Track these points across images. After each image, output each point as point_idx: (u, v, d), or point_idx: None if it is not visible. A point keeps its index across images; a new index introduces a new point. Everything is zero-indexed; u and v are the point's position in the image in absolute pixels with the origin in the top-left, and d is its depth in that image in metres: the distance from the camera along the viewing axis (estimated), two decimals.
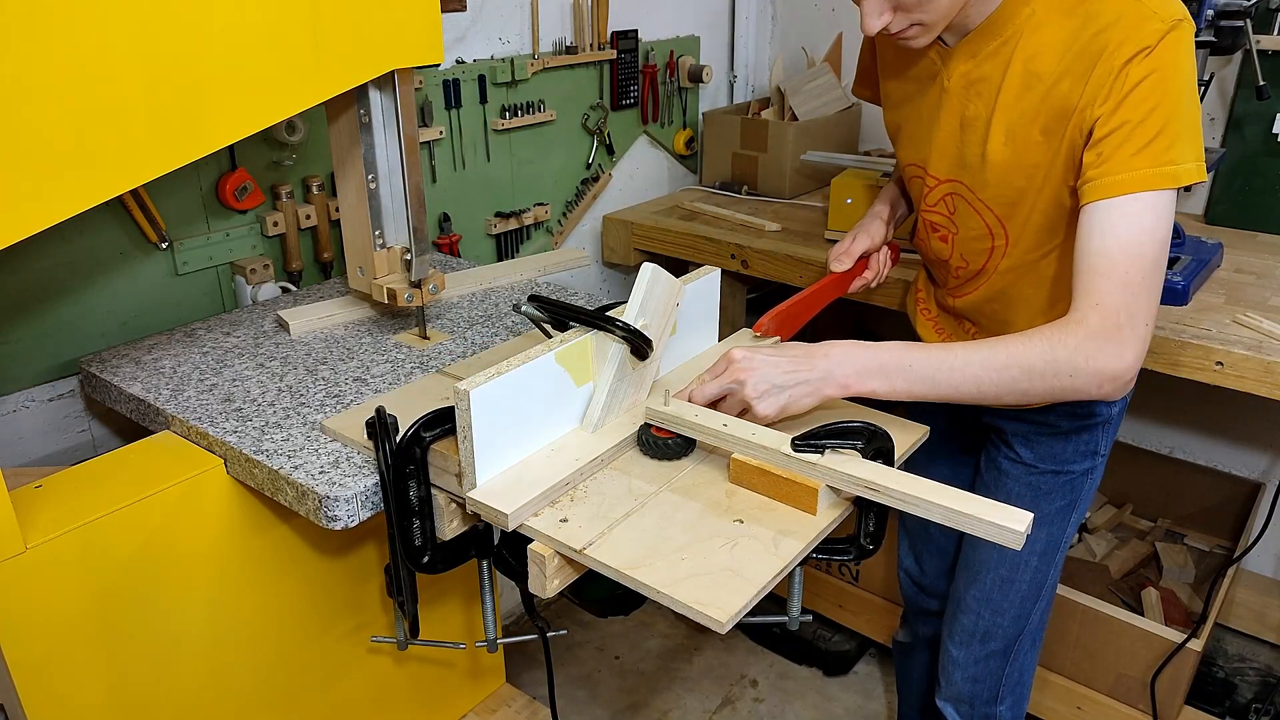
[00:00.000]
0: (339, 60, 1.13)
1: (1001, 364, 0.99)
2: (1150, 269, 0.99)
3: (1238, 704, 2.02)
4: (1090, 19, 1.03)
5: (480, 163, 1.91)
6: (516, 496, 0.92)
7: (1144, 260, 0.99)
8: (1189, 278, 1.58)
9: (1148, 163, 0.99)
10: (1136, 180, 0.99)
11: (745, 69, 2.55)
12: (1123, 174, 1.00)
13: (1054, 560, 1.37)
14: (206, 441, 1.14)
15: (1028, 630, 1.42)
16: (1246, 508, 2.19)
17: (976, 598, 1.42)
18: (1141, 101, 0.99)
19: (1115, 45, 1.00)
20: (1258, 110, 1.94)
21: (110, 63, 0.93)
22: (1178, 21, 0.99)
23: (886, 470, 0.92)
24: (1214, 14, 1.63)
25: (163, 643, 1.15)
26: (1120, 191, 1.00)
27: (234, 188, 1.50)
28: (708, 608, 0.80)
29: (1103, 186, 1.01)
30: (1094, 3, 1.03)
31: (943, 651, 1.50)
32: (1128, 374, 0.99)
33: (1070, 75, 1.04)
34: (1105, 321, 0.98)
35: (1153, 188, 0.99)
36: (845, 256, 1.36)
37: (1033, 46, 1.07)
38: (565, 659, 2.21)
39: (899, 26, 1.07)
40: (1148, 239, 0.99)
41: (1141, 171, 0.99)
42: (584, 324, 1.04)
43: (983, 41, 1.11)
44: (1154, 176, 0.99)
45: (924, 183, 1.26)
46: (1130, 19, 1.00)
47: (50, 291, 1.36)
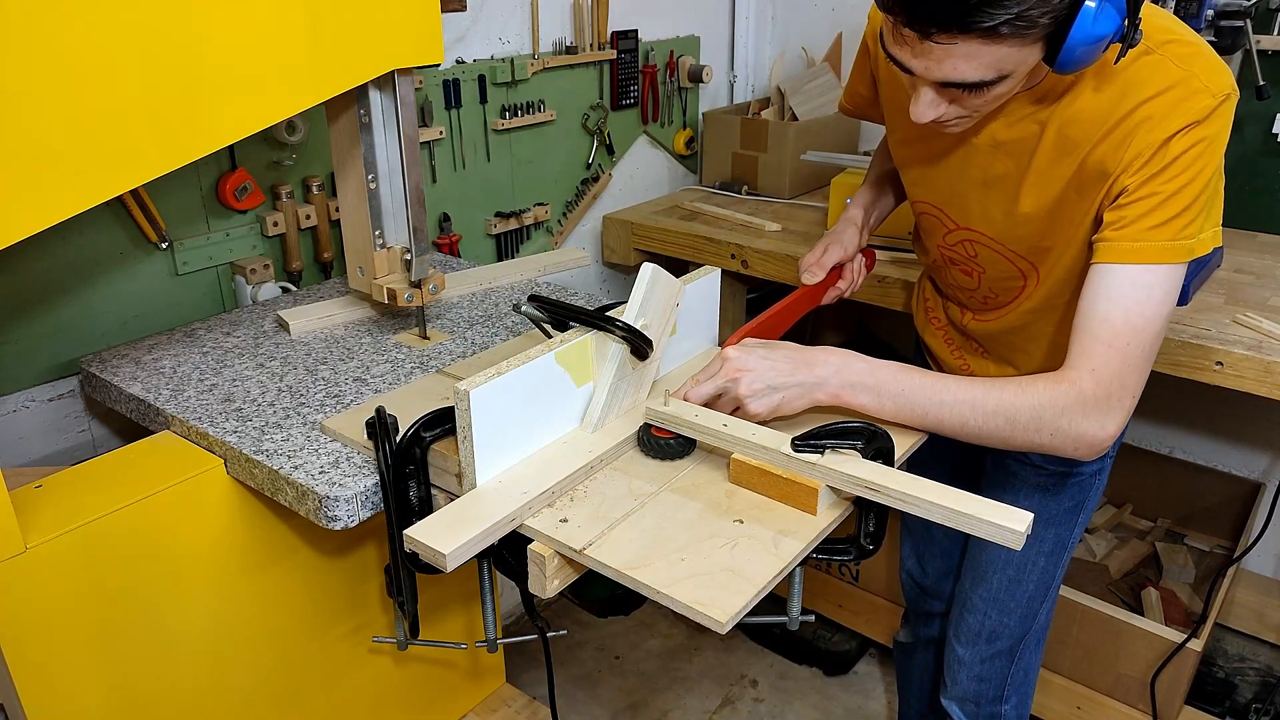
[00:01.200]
0: (339, 60, 1.13)
1: (990, 409, 0.99)
2: (1150, 345, 0.99)
3: (1238, 704, 2.02)
4: (1134, 87, 0.98)
5: (480, 163, 1.91)
6: (458, 533, 0.87)
7: (1147, 335, 0.98)
8: (1189, 278, 1.57)
9: (1167, 236, 0.97)
10: (1152, 251, 0.98)
11: (745, 69, 2.55)
12: (1140, 242, 0.98)
13: (1061, 560, 1.37)
14: (206, 441, 1.14)
15: (1034, 630, 1.42)
16: (1246, 508, 2.19)
17: (984, 598, 1.41)
18: (1177, 176, 0.96)
19: (1160, 117, 0.96)
20: (1258, 110, 1.94)
21: (110, 63, 0.93)
22: (1227, 96, 0.96)
23: (886, 470, 0.92)
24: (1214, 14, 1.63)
25: (162, 642, 1.15)
26: (1135, 260, 0.98)
27: (234, 188, 1.50)
28: (708, 608, 0.80)
29: (1118, 250, 0.99)
30: (1140, 69, 0.98)
31: (948, 651, 1.50)
32: (1106, 443, 0.99)
33: (1109, 142, 1.00)
34: (1098, 390, 0.97)
35: (1166, 261, 0.98)
36: (816, 268, 1.33)
37: (1070, 113, 1.02)
38: (565, 659, 2.21)
39: (948, 117, 1.01)
40: (1153, 314, 0.98)
41: (1158, 244, 0.97)
42: (584, 324, 1.04)
43: (1019, 107, 1.05)
44: (1169, 250, 0.98)
45: (941, 224, 1.22)
46: (1179, 92, 0.96)
47: (50, 291, 1.36)
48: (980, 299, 1.27)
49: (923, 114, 0.98)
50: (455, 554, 0.85)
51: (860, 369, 1.01)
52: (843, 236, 1.36)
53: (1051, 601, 1.41)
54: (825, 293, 1.36)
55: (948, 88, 0.94)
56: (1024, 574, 1.37)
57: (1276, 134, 1.94)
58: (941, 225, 1.22)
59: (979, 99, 0.96)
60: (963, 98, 0.96)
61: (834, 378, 1.01)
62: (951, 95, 0.96)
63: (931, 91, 0.96)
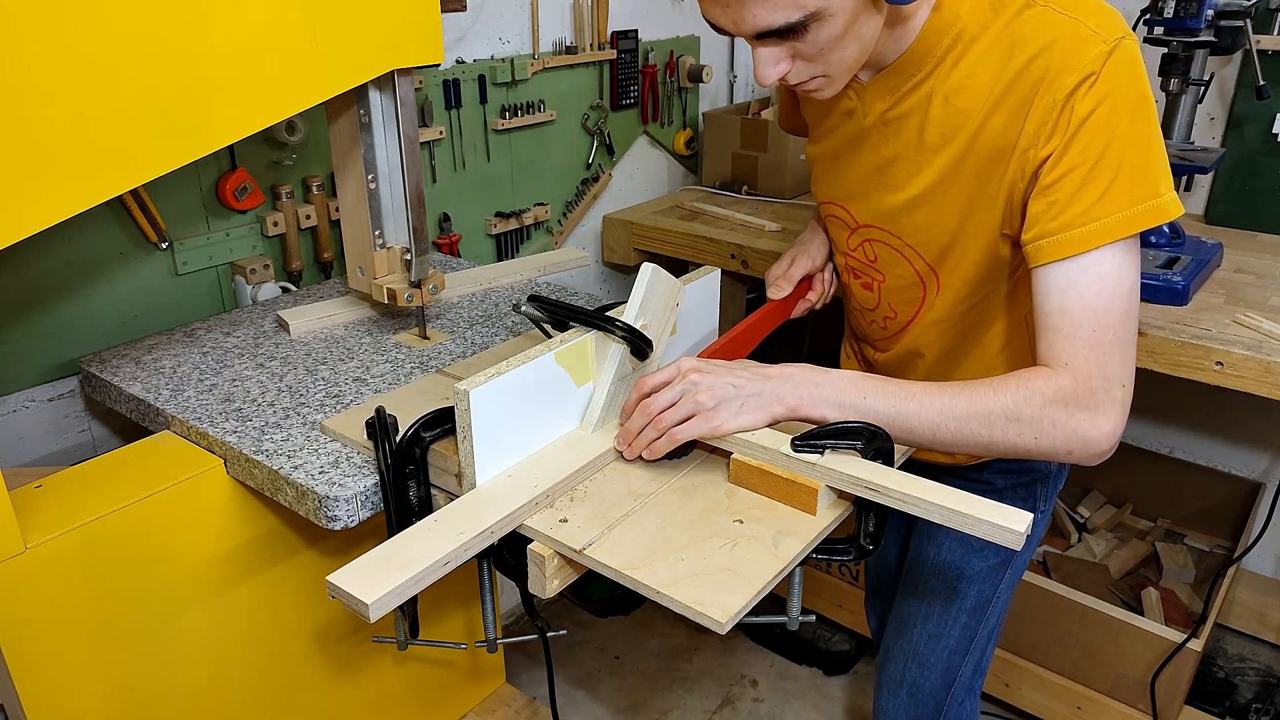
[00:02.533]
0: (339, 60, 1.13)
1: (962, 413, 0.90)
2: (1120, 325, 0.88)
3: (1238, 704, 2.02)
4: (1020, 44, 0.90)
5: (480, 163, 1.91)
6: (383, 580, 0.79)
7: (1112, 316, 0.88)
8: (1189, 278, 1.57)
9: (1104, 211, 0.87)
10: (1094, 234, 0.87)
11: (745, 69, 2.55)
12: (1084, 226, 0.88)
13: (984, 616, 1.28)
14: (206, 441, 1.14)
15: (959, 683, 1.32)
16: (1246, 508, 2.19)
17: (902, 649, 1.33)
18: (1094, 138, 0.87)
19: (1054, 74, 0.88)
20: (1257, 110, 1.94)
21: (111, 63, 0.93)
22: (1120, 40, 0.87)
23: (886, 470, 0.92)
24: (1214, 14, 1.63)
25: (162, 642, 1.15)
26: (1086, 247, 0.88)
27: (234, 188, 1.50)
28: (707, 608, 0.80)
29: (1059, 245, 0.89)
30: (1022, 25, 0.90)
31: (874, 698, 1.42)
32: (1105, 442, 0.89)
33: (1003, 110, 0.92)
34: (1079, 385, 0.88)
35: (1123, 234, 0.87)
36: (783, 281, 1.25)
37: (955, 80, 0.95)
38: (565, 659, 2.22)
39: (799, 78, 0.94)
40: (1112, 291, 0.88)
41: (1098, 223, 0.87)
42: (584, 324, 1.04)
43: (900, 78, 0.99)
44: (1115, 225, 0.87)
45: (844, 224, 1.15)
46: (1067, 42, 0.87)
47: (50, 291, 1.36)
48: (881, 322, 1.18)
49: (765, 74, 0.92)
50: (380, 603, 0.78)
51: (820, 380, 0.95)
52: (810, 246, 1.28)
53: (979, 655, 1.32)
54: (794, 307, 1.28)
55: (767, 39, 0.89)
56: (944, 629, 1.29)
57: (1277, 134, 1.94)
58: (845, 226, 1.15)
59: (814, 48, 0.89)
60: (799, 50, 0.90)
61: (792, 391, 0.94)
62: (787, 50, 0.90)
63: (762, 48, 0.90)
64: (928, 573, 1.28)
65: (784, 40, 0.89)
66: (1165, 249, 1.69)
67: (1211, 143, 2.08)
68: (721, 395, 0.95)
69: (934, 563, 1.27)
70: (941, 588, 1.27)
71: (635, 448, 0.98)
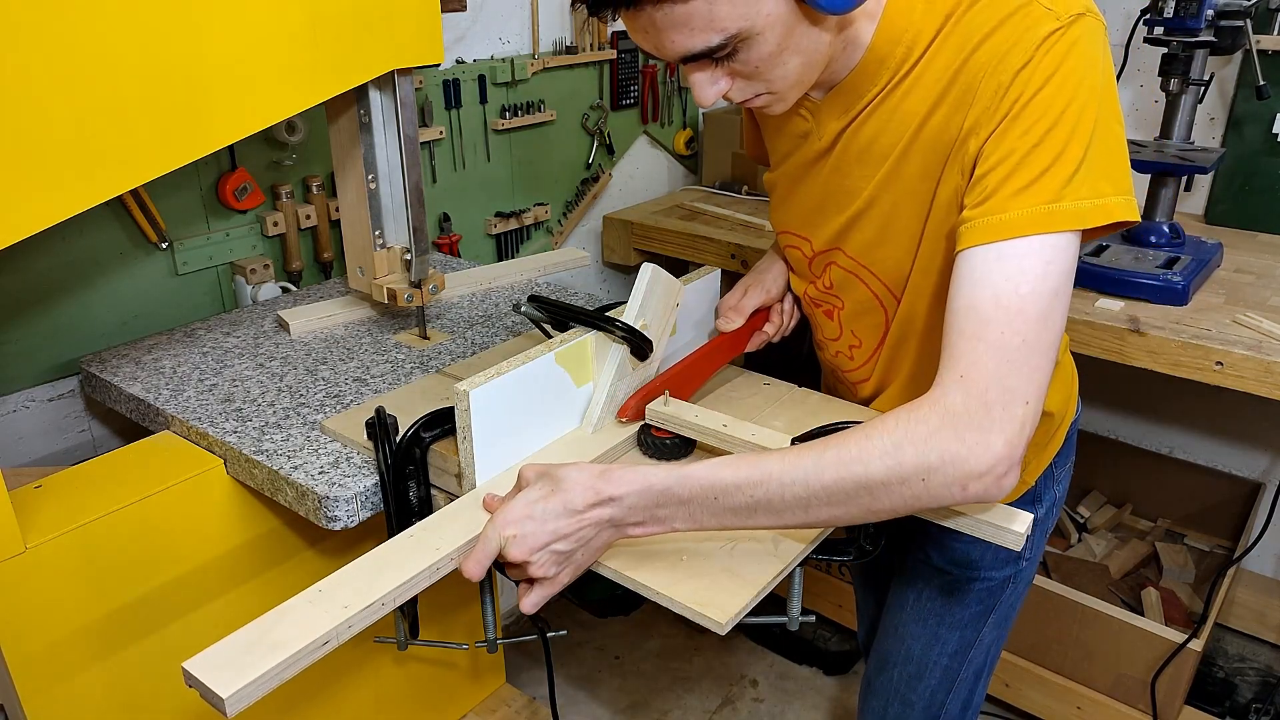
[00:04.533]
0: (339, 60, 1.13)
1: (832, 479, 0.76)
2: (1034, 330, 0.75)
3: (1238, 704, 2.02)
4: (969, 33, 0.81)
5: (480, 163, 1.91)
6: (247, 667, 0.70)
7: (1025, 318, 0.75)
8: (1189, 278, 1.58)
9: (1037, 199, 0.77)
10: (1021, 221, 0.77)
11: None
12: (1006, 213, 0.77)
13: (967, 658, 1.21)
14: (206, 442, 1.14)
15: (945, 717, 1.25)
16: (1246, 508, 2.19)
17: (884, 685, 1.27)
18: (1034, 122, 0.77)
19: (1001, 55, 0.79)
20: (1257, 110, 1.94)
21: (111, 63, 0.93)
22: (1077, 16, 0.78)
23: None
24: (1214, 14, 1.63)
25: (162, 642, 1.15)
26: (1001, 235, 0.77)
27: (234, 188, 1.50)
28: (707, 609, 0.80)
29: (978, 229, 0.78)
30: (973, 16, 0.82)
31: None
32: (999, 467, 0.75)
33: (946, 103, 0.83)
34: (970, 400, 0.75)
35: (1043, 230, 0.76)
36: (734, 314, 1.14)
37: (908, 84, 0.87)
38: (565, 659, 2.22)
39: (743, 95, 0.86)
40: (1030, 290, 0.76)
41: (1029, 210, 0.76)
42: (584, 324, 1.04)
43: (853, 95, 0.91)
44: (1044, 215, 0.76)
45: (802, 253, 1.07)
46: (1017, 22, 0.79)
47: (50, 291, 1.36)
48: (847, 352, 1.09)
49: (702, 96, 0.84)
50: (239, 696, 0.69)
51: (658, 491, 0.80)
52: (765, 276, 1.17)
53: (967, 695, 1.24)
54: (749, 339, 1.18)
55: (696, 61, 0.82)
56: (924, 671, 1.22)
57: (1277, 134, 1.94)
58: (802, 256, 1.07)
59: (748, 67, 0.82)
60: (735, 69, 0.83)
61: (629, 515, 0.80)
62: (723, 70, 0.83)
63: (694, 72, 0.84)
64: (907, 617, 1.22)
65: (715, 62, 0.83)
66: (1165, 249, 1.69)
67: (1211, 143, 2.08)
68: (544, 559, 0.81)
69: (913, 608, 1.21)
70: (921, 632, 1.21)
71: None
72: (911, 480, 0.75)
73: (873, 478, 0.76)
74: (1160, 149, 1.75)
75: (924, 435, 0.75)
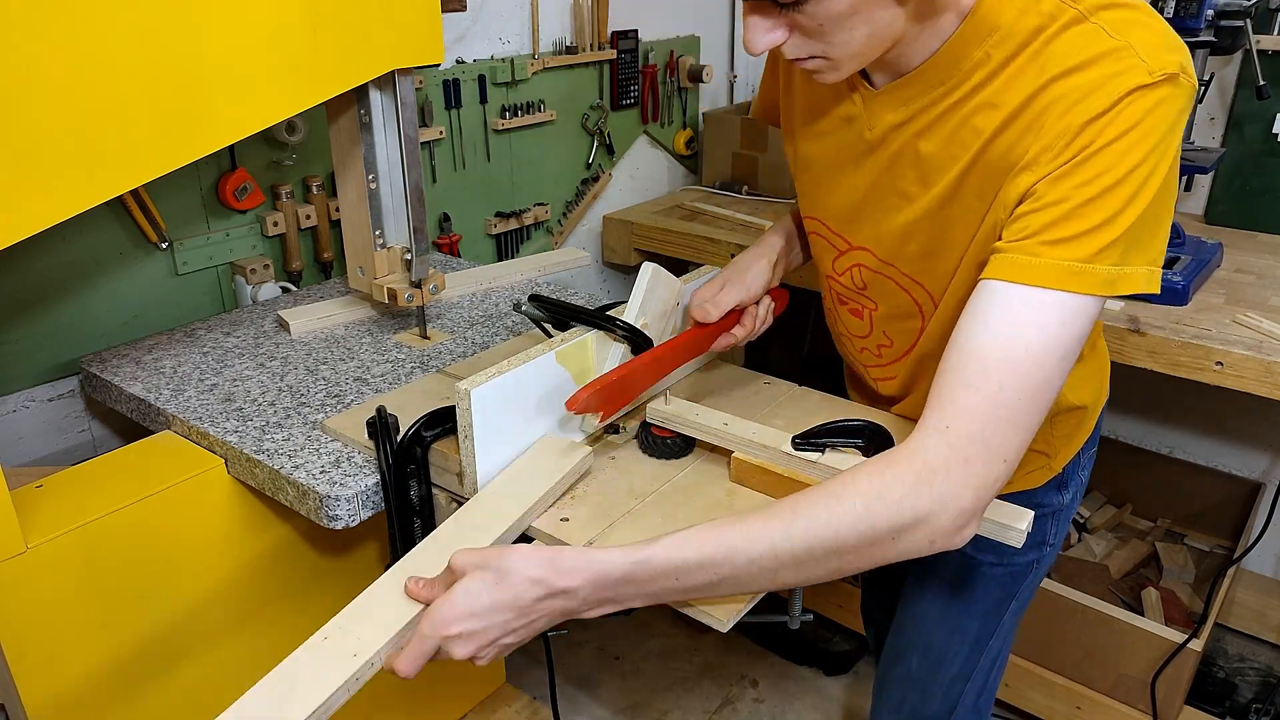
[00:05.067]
0: (339, 60, 1.13)
1: (802, 547, 0.74)
2: (1031, 394, 0.74)
3: (1238, 704, 2.02)
4: (1053, 60, 0.77)
5: (480, 163, 1.91)
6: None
7: (1027, 380, 0.74)
8: (1189, 278, 1.58)
9: (1075, 255, 0.74)
10: (1050, 272, 0.75)
11: (745, 69, 2.55)
12: (1037, 258, 0.75)
13: (985, 647, 1.20)
14: (207, 441, 1.14)
15: (961, 708, 1.25)
16: (1246, 508, 2.19)
17: (900, 677, 1.26)
18: (1097, 175, 0.74)
19: (1078, 96, 0.75)
20: (1257, 110, 1.94)
21: (111, 63, 0.93)
22: (1171, 76, 0.74)
23: None
24: (1214, 14, 1.63)
25: (163, 642, 1.15)
26: (1025, 279, 0.75)
27: (234, 188, 1.50)
28: (709, 607, 0.80)
29: (1007, 264, 0.76)
30: (1065, 41, 0.77)
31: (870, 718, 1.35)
32: (960, 520, 0.74)
33: (1015, 127, 0.80)
34: (951, 455, 0.74)
35: (1068, 289, 0.74)
36: (711, 307, 1.07)
37: (982, 98, 0.82)
38: (565, 659, 2.21)
39: (795, 53, 0.82)
40: (1041, 350, 0.74)
41: (1061, 265, 0.74)
42: (584, 323, 1.04)
43: (918, 88, 0.86)
44: (1074, 275, 0.74)
45: (831, 245, 1.03)
46: (1106, 67, 0.75)
47: (51, 291, 1.36)
48: (875, 350, 1.07)
49: (753, 41, 0.81)
50: None
51: (615, 576, 0.75)
52: (746, 275, 1.10)
53: (983, 681, 1.24)
54: (715, 339, 1.11)
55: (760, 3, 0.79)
56: (944, 660, 1.20)
57: (1277, 134, 1.94)
58: (831, 247, 1.04)
59: (813, 22, 0.78)
60: (798, 21, 0.79)
61: (581, 604, 0.77)
62: (784, 20, 0.80)
63: (753, 15, 0.80)
64: (928, 606, 1.21)
65: (779, 8, 0.78)
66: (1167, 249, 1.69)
67: (1211, 143, 2.08)
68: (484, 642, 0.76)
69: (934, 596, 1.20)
70: (942, 621, 1.20)
71: None
72: (883, 541, 0.74)
73: (844, 543, 0.74)
74: None
75: (899, 496, 0.74)
